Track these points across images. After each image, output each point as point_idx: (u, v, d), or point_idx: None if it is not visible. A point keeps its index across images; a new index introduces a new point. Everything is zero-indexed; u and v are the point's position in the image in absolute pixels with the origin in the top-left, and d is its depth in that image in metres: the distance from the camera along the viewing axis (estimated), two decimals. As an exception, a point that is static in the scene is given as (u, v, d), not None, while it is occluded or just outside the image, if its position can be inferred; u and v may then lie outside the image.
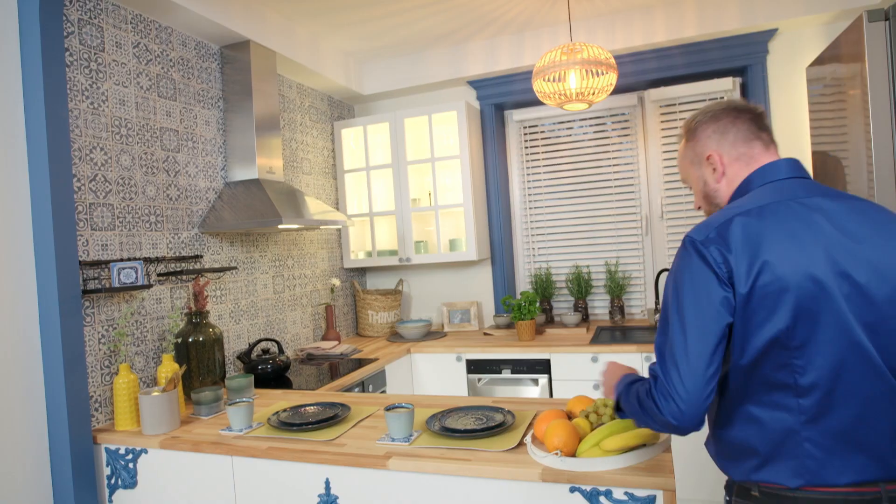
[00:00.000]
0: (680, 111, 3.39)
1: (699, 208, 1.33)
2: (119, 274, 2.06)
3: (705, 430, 1.25)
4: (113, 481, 1.94)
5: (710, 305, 1.05)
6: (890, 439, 1.03)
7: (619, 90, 3.42)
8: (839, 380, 1.02)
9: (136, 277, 2.10)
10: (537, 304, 3.20)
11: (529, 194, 3.75)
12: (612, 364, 1.42)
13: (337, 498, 1.63)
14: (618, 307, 3.43)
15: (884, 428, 1.03)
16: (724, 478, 2.55)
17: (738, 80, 3.30)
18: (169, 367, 2.05)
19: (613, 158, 3.55)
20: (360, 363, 2.83)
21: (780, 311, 1.02)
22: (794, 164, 1.17)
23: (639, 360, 2.80)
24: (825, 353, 1.02)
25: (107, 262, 2.07)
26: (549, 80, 2.58)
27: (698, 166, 1.27)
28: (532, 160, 3.73)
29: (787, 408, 1.05)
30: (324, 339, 3.35)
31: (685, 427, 1.04)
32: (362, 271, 3.96)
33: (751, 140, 1.20)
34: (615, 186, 3.55)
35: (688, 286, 1.07)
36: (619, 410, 1.26)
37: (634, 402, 1.15)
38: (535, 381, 2.98)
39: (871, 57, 1.89)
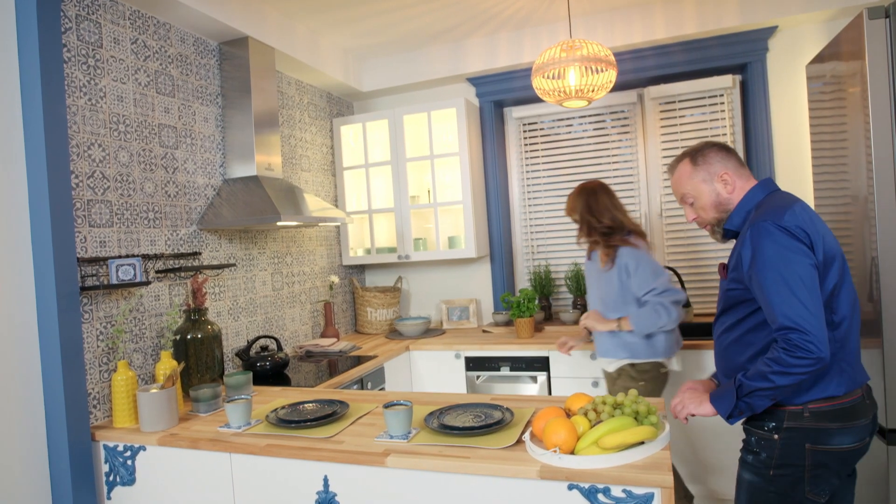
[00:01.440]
0: (680, 108, 3.39)
1: (694, 220, 1.69)
2: (117, 271, 2.05)
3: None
4: (111, 478, 1.94)
5: (809, 266, 1.40)
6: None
7: (618, 87, 3.41)
8: (851, 317, 1.48)
9: (135, 274, 2.10)
10: (536, 302, 3.20)
11: (529, 192, 3.74)
12: (689, 386, 1.64)
13: (335, 495, 1.63)
14: (617, 305, 3.42)
15: (858, 350, 1.52)
16: (720, 476, 2.54)
17: (738, 77, 3.29)
18: (167, 364, 2.05)
19: (613, 156, 3.55)
20: (359, 360, 2.83)
21: (832, 271, 1.46)
22: (772, 180, 1.65)
23: (637, 357, 2.79)
24: (846, 300, 1.48)
25: (105, 259, 2.06)
26: (548, 77, 2.58)
27: (710, 182, 1.63)
28: (531, 157, 3.73)
29: (829, 339, 1.43)
30: (322, 336, 3.34)
31: (826, 356, 1.35)
32: (361, 268, 3.96)
33: (740, 165, 1.64)
34: (615, 184, 3.54)
35: (790, 256, 1.40)
36: (731, 418, 1.48)
37: (761, 378, 1.41)
38: (534, 379, 2.98)
39: (872, 54, 1.88)
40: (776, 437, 1.48)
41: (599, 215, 2.46)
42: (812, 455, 1.45)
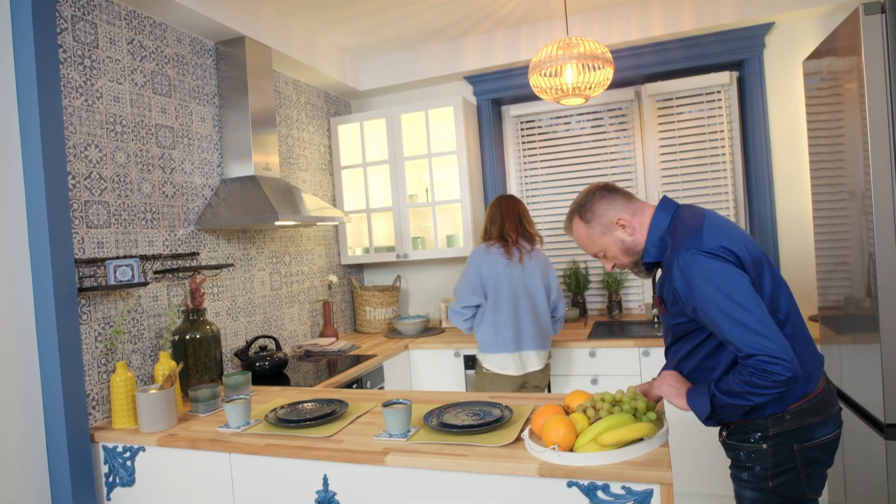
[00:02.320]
0: (677, 105, 3.39)
1: (613, 267, 1.67)
2: (115, 272, 2.05)
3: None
4: (111, 479, 1.94)
5: (746, 284, 1.37)
6: None
7: (615, 84, 3.41)
8: (792, 310, 1.49)
9: (133, 275, 2.10)
10: None
11: (527, 189, 3.74)
12: (672, 377, 1.58)
13: (335, 494, 1.63)
14: (615, 302, 3.43)
15: (809, 336, 1.54)
16: (719, 472, 2.54)
17: (735, 73, 3.29)
18: (166, 365, 2.05)
19: (611, 153, 3.55)
20: (358, 359, 2.83)
21: (765, 275, 1.46)
22: (668, 198, 1.62)
23: (636, 354, 2.80)
24: (784, 295, 1.49)
25: (103, 260, 2.06)
26: (545, 75, 2.58)
27: (610, 233, 1.60)
28: (529, 155, 3.73)
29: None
30: (321, 335, 3.34)
31: (797, 370, 1.31)
32: (360, 268, 3.96)
33: (629, 199, 1.62)
34: (613, 181, 3.53)
35: (724, 281, 1.36)
36: (709, 419, 1.47)
37: (736, 396, 1.38)
38: (533, 377, 2.98)
39: (868, 50, 1.88)
40: (765, 446, 1.47)
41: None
42: (802, 454, 1.45)
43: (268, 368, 2.59)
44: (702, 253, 1.38)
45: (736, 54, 3.14)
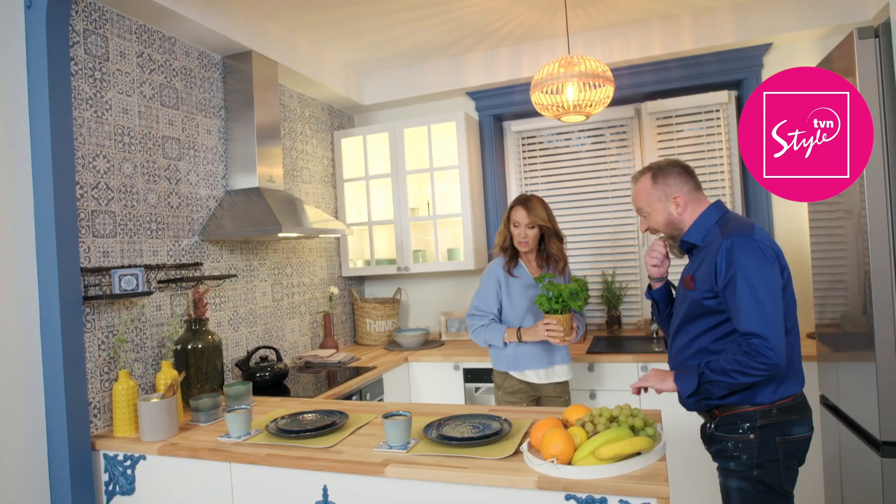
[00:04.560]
0: (676, 123, 3.43)
1: (647, 230, 1.86)
2: (120, 281, 2.07)
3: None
4: (111, 487, 1.95)
5: (777, 278, 1.58)
6: None
7: (616, 102, 3.46)
8: (795, 323, 1.67)
9: (137, 284, 2.12)
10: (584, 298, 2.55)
11: (527, 204, 3.77)
12: (655, 371, 1.78)
13: (334, 505, 1.64)
14: (614, 317, 3.44)
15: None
16: (716, 487, 2.55)
17: (734, 93, 3.34)
18: (168, 374, 2.06)
19: (611, 169, 3.58)
20: (358, 371, 2.84)
21: (789, 286, 1.66)
22: (722, 202, 1.81)
23: (635, 369, 2.81)
24: (794, 308, 1.69)
25: (108, 269, 2.08)
26: (546, 93, 2.62)
27: (664, 202, 1.78)
28: (530, 171, 3.77)
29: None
30: (322, 347, 3.36)
31: (782, 363, 1.52)
32: (361, 280, 3.98)
33: (697, 190, 1.80)
34: (613, 197, 3.58)
35: (763, 267, 1.56)
36: (690, 397, 1.65)
37: (723, 373, 1.57)
38: (532, 391, 2.99)
39: (862, 73, 1.92)
40: (752, 436, 1.62)
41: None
42: (783, 447, 1.62)
43: (268, 379, 2.60)
44: (751, 240, 1.59)
45: (735, 74, 3.18)
